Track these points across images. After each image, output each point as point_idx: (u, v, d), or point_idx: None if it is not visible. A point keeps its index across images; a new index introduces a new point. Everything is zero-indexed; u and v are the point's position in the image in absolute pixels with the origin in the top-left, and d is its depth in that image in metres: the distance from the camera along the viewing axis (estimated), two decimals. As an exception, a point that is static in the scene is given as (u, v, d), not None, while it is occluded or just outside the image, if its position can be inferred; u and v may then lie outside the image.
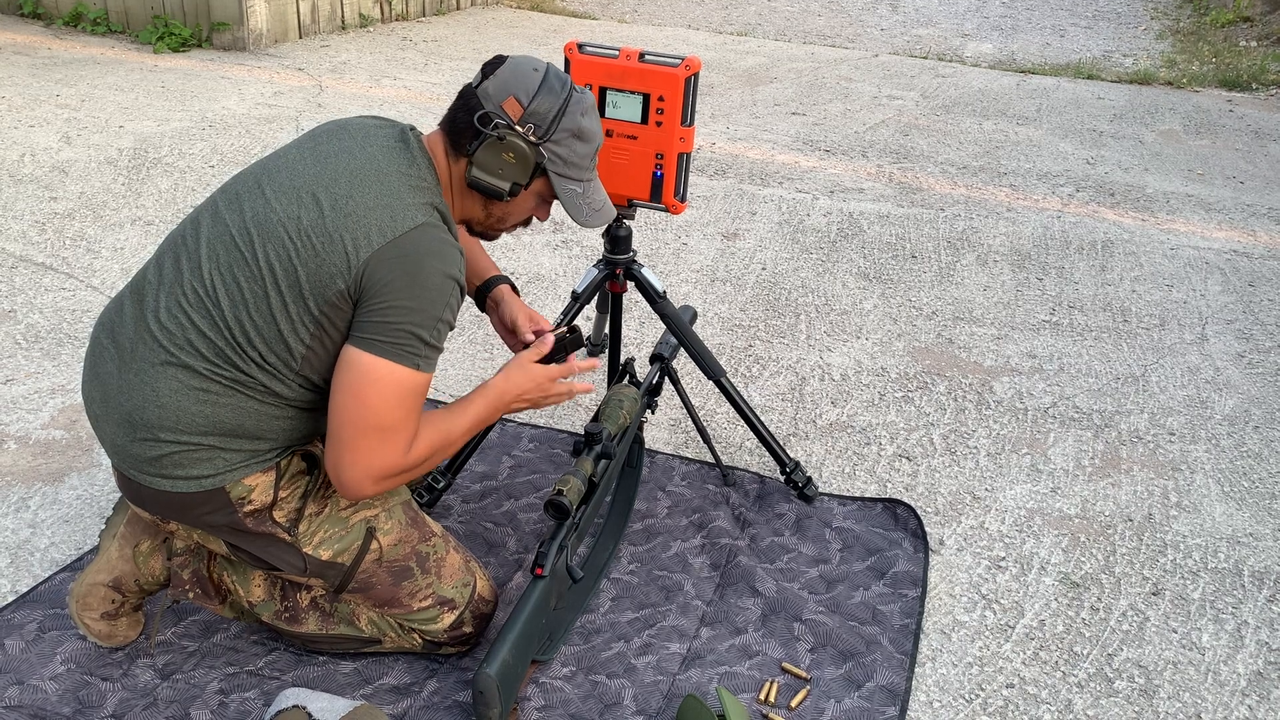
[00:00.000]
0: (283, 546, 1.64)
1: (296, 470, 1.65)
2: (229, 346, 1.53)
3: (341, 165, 1.56)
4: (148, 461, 1.55)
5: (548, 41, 6.84)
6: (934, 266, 3.61)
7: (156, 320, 1.55)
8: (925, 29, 8.23)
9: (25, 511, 2.12)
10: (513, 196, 1.65)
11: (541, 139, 1.62)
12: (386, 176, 1.56)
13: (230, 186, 1.64)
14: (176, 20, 5.94)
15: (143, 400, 1.54)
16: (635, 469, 2.21)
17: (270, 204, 1.55)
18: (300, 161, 1.59)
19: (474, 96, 1.63)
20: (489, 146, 1.60)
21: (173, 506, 1.59)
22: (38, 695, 1.67)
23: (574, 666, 1.81)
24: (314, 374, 1.57)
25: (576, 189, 1.69)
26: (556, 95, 1.63)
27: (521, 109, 1.60)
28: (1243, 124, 5.72)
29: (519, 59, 1.66)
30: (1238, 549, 2.23)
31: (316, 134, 1.65)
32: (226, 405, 1.54)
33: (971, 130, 5.33)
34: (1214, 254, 3.86)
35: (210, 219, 1.60)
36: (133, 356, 1.56)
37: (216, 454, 1.56)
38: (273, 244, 1.52)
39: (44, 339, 2.78)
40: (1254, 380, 2.96)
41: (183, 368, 1.53)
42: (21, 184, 3.79)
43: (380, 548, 1.69)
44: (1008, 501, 2.35)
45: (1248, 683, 1.88)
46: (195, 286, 1.55)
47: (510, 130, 1.60)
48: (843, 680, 1.81)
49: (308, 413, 1.62)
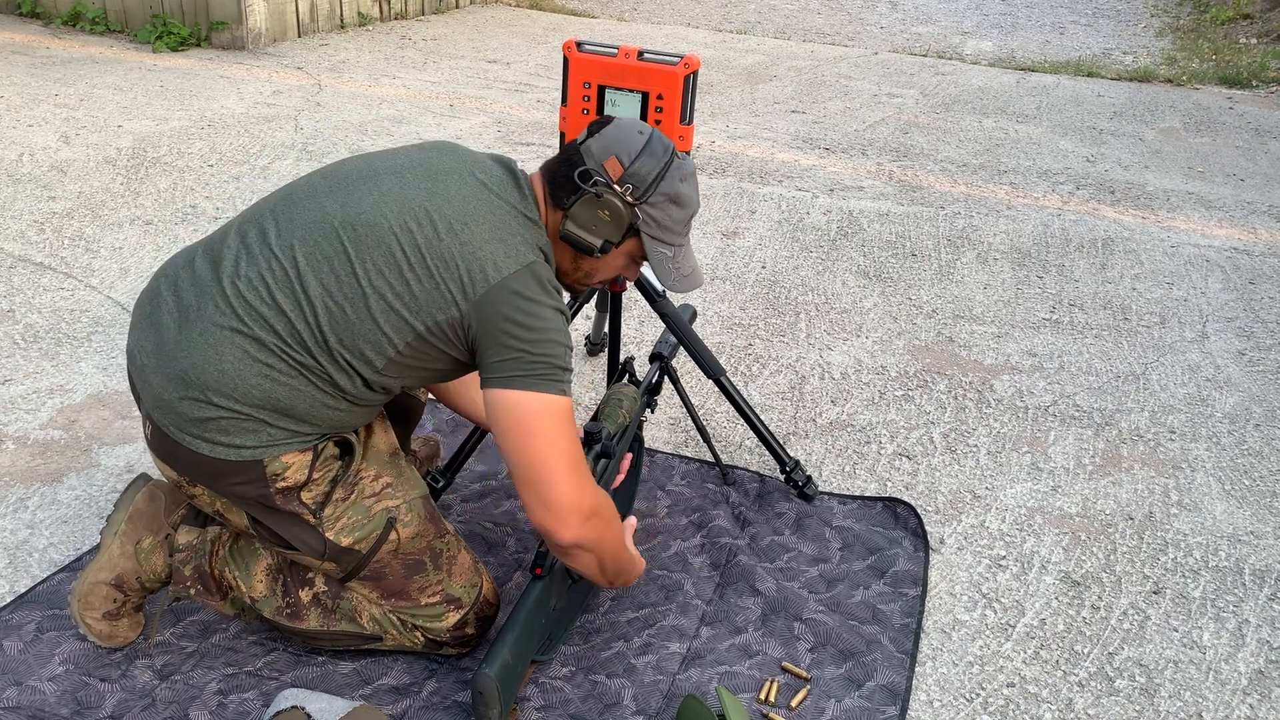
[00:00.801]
0: (305, 528, 1.63)
1: (330, 454, 1.65)
2: (307, 331, 1.54)
3: (454, 188, 1.59)
4: (192, 422, 1.55)
5: (546, 40, 6.84)
6: (934, 264, 3.61)
7: (234, 286, 1.55)
8: (925, 26, 8.22)
9: (24, 512, 2.11)
10: (603, 254, 1.68)
11: (638, 200, 1.66)
12: (499, 209, 1.59)
13: (333, 173, 1.65)
14: (175, 19, 5.94)
15: (203, 360, 1.53)
16: (635, 468, 2.21)
17: (380, 208, 1.56)
18: (410, 172, 1.61)
19: (577, 152, 1.67)
20: (586, 202, 1.64)
21: (205, 470, 1.58)
22: (36, 696, 1.66)
23: (574, 666, 1.80)
24: (391, 377, 1.60)
25: (667, 253, 1.72)
26: (658, 159, 1.66)
27: (622, 169, 1.64)
28: (1243, 121, 5.72)
29: (626, 121, 1.71)
30: (1239, 547, 2.23)
31: (426, 147, 1.68)
32: (285, 385, 1.55)
33: (971, 128, 5.32)
34: (1214, 251, 3.85)
35: (307, 199, 1.61)
36: (198, 315, 1.56)
37: (263, 427, 1.56)
38: (382, 252, 1.54)
39: (42, 339, 2.77)
40: (1255, 378, 2.95)
41: (252, 339, 1.53)
42: (20, 183, 3.79)
43: (398, 539, 1.69)
44: (1008, 500, 2.35)
45: (1249, 681, 1.87)
46: (285, 264, 1.55)
47: (609, 189, 1.64)
48: (843, 679, 1.80)
49: (360, 408, 1.63)
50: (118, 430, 2.40)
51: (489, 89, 5.55)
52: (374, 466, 1.69)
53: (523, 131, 4.82)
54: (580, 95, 2.16)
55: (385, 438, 1.75)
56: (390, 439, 1.76)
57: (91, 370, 2.64)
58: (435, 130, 4.74)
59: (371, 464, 1.69)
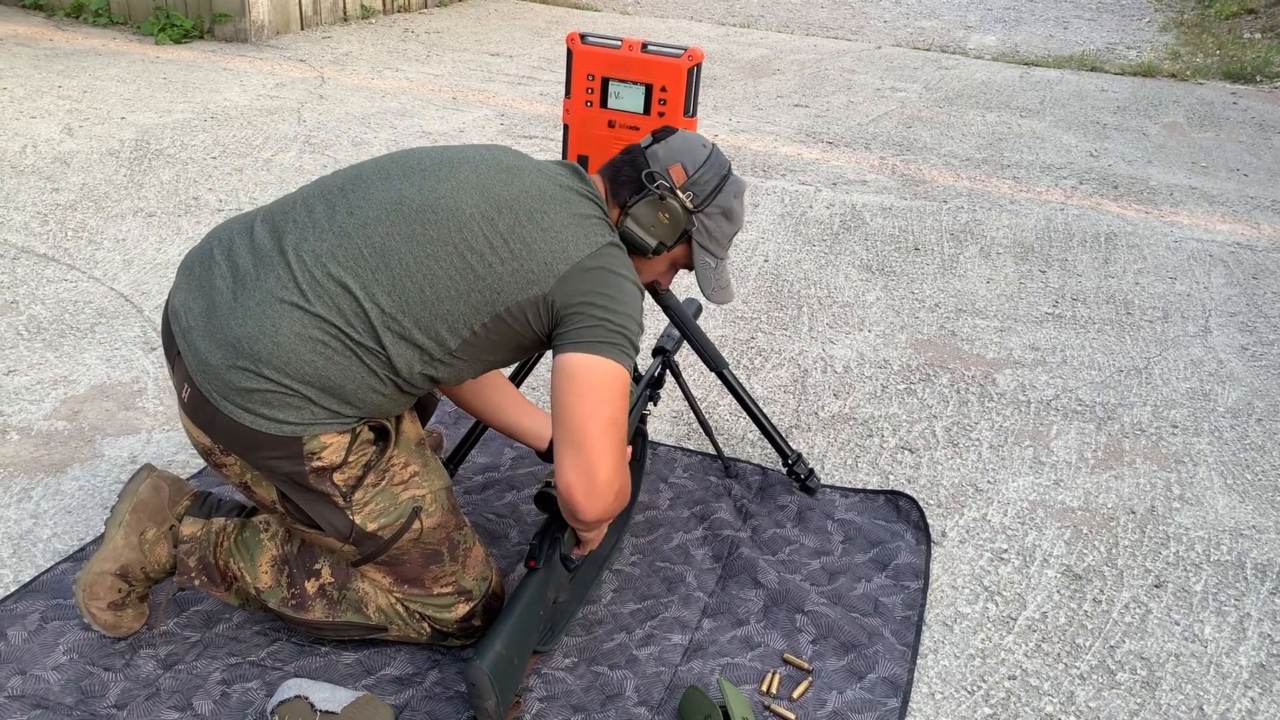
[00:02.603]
0: (333, 509, 1.63)
1: (366, 439, 1.65)
2: (374, 311, 1.54)
3: (529, 180, 1.65)
4: (238, 391, 1.54)
5: (549, 32, 6.83)
6: (937, 259, 3.61)
7: (299, 259, 1.56)
8: (928, 21, 8.21)
9: (28, 502, 2.12)
10: (655, 255, 1.75)
11: (697, 208, 1.74)
12: (574, 200, 1.66)
13: (404, 159, 1.67)
14: (178, 12, 5.93)
15: (259, 330, 1.53)
16: (639, 462, 2.21)
17: (460, 194, 1.60)
18: (485, 164, 1.66)
19: (642, 155, 1.75)
20: (649, 203, 1.71)
21: (242, 440, 1.57)
22: (40, 685, 1.67)
23: (576, 657, 1.81)
24: (461, 359, 1.62)
25: (710, 263, 1.81)
26: (717, 172, 1.77)
27: (686, 176, 1.74)
28: (1247, 116, 5.71)
29: (690, 134, 1.79)
30: (1240, 541, 2.23)
31: (492, 146, 1.74)
32: (338, 365, 1.55)
33: (975, 122, 5.31)
34: (1217, 246, 3.85)
35: (380, 181, 1.62)
36: (256, 284, 1.55)
37: (308, 404, 1.56)
38: (465, 235, 1.57)
39: (46, 330, 2.78)
40: (1257, 373, 2.95)
41: (311, 315, 1.53)
42: (23, 175, 3.79)
43: (421, 528, 1.70)
44: (1010, 494, 2.35)
45: (1250, 675, 1.87)
46: (358, 243, 1.56)
47: (672, 193, 1.70)
48: (845, 672, 1.81)
49: (404, 395, 1.64)
50: (121, 421, 2.40)
51: (492, 82, 5.55)
52: (404, 454, 1.70)
53: (526, 124, 4.82)
54: (584, 88, 2.16)
55: (413, 427, 1.76)
56: (417, 428, 1.77)
57: (95, 361, 2.64)
58: (438, 123, 4.74)
59: (402, 452, 1.70)
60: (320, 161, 4.11)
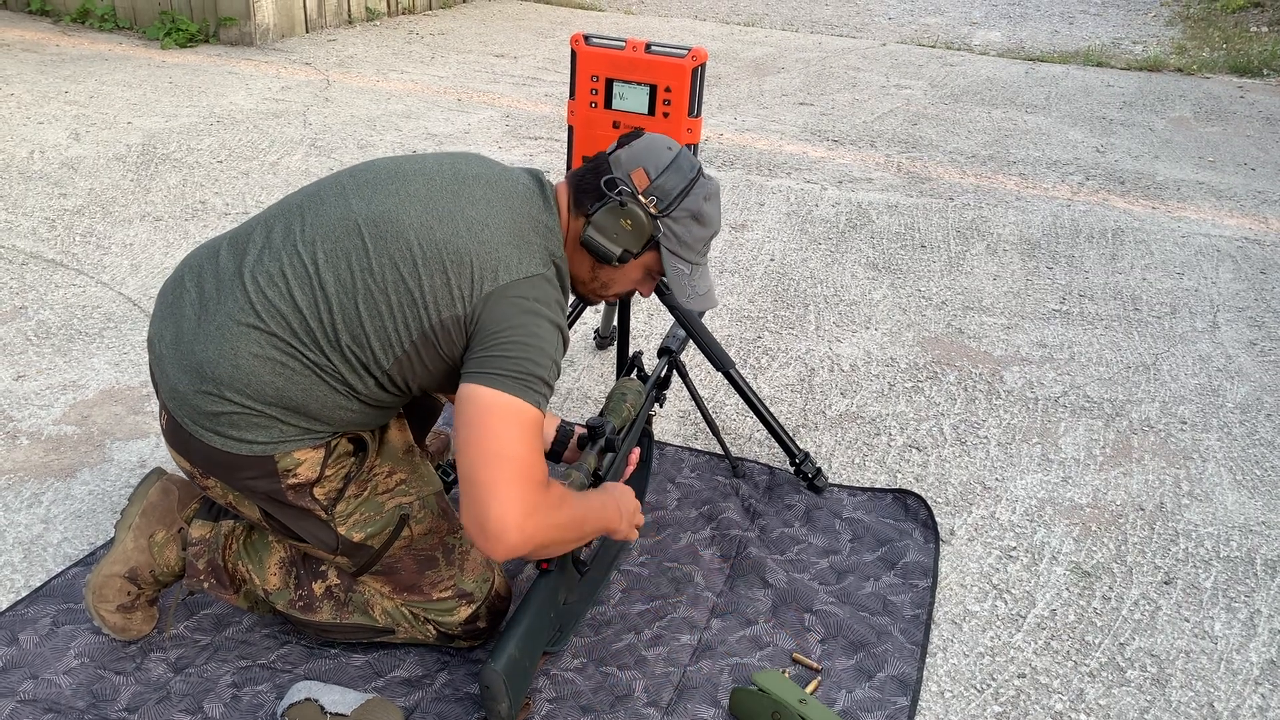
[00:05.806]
0: (317, 523, 1.64)
1: (344, 451, 1.65)
2: (320, 329, 1.54)
3: (479, 192, 1.60)
4: (205, 415, 1.56)
5: (553, 33, 6.84)
6: (943, 256, 3.60)
7: (254, 280, 1.56)
8: (933, 17, 8.19)
9: (38, 507, 2.13)
10: (621, 263, 1.69)
11: (661, 213, 1.67)
12: (520, 216, 1.61)
13: (361, 172, 1.65)
14: (183, 16, 5.95)
15: (218, 354, 1.54)
16: (645, 462, 2.21)
17: (405, 207, 1.57)
18: (439, 176, 1.62)
19: (605, 161, 1.69)
20: (609, 210, 1.65)
21: (217, 463, 1.59)
22: (52, 689, 1.68)
23: (585, 658, 1.81)
24: (398, 377, 1.59)
25: (684, 269, 1.73)
26: (684, 175, 1.68)
27: (648, 181, 1.66)
28: (1254, 110, 5.69)
29: (656, 137, 1.73)
30: (1250, 537, 2.23)
31: (456, 155, 1.70)
32: (299, 384, 1.55)
33: (980, 119, 5.30)
34: (1225, 241, 3.83)
35: (335, 198, 1.61)
36: (217, 308, 1.56)
37: (275, 424, 1.56)
38: (399, 246, 1.54)
39: (55, 335, 2.79)
40: (1266, 368, 2.94)
41: (268, 335, 1.54)
42: (31, 181, 3.80)
43: (411, 535, 1.70)
44: (1018, 491, 2.35)
45: (1260, 671, 1.87)
46: (305, 260, 1.55)
47: (633, 198, 1.65)
48: (854, 671, 1.81)
49: (374, 409, 1.63)
50: (130, 425, 2.41)
51: (496, 83, 5.55)
52: (388, 463, 1.70)
53: (530, 125, 4.82)
54: (588, 88, 2.16)
55: (400, 434, 1.76)
56: (405, 435, 1.77)
57: (104, 366, 2.65)
58: (443, 124, 4.74)
59: (386, 460, 1.70)
60: (326, 164, 4.12)
